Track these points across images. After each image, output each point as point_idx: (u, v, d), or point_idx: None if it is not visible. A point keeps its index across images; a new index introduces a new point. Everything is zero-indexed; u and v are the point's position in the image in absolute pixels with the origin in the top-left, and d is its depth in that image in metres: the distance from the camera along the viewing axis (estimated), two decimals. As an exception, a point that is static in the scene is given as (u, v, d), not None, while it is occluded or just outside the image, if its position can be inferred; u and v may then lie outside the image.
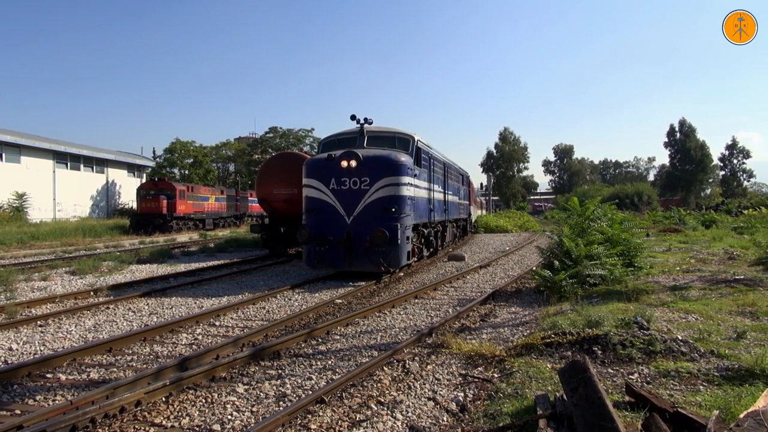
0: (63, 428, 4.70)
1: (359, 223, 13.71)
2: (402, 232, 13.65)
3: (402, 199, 13.87)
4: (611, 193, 76.44)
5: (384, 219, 13.55)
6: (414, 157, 15.03)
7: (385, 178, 13.81)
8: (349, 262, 13.78)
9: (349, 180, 13.85)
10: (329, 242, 13.84)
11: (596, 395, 4.06)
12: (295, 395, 5.77)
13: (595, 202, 14.44)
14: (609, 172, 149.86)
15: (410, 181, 14.31)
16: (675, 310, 9.03)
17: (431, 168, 17.65)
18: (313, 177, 14.40)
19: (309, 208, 14.32)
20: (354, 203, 13.85)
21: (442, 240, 20.95)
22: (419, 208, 15.48)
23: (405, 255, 14.00)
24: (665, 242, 23.36)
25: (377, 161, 13.96)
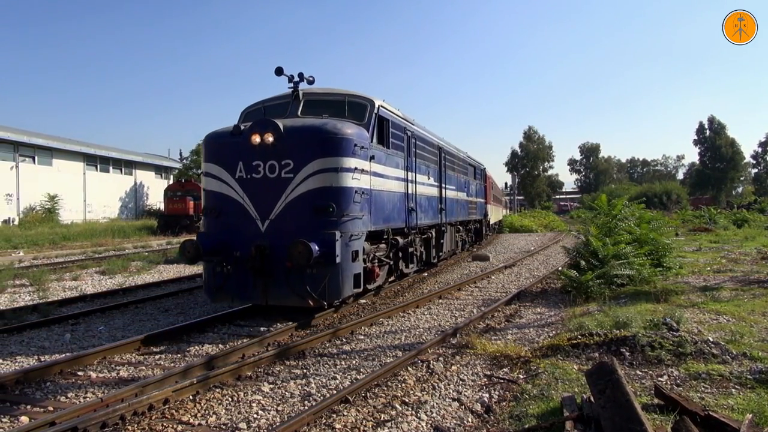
0: (94, 425, 4.80)
1: (278, 230, 8.60)
2: (344, 245, 8.55)
3: (345, 193, 8.79)
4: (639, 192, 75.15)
5: (315, 224, 8.54)
6: (373, 130, 9.95)
7: (318, 161, 8.64)
8: (262, 292, 8.65)
9: (264, 165, 8.76)
10: (235, 260, 8.78)
11: (624, 397, 4.00)
12: (320, 394, 5.80)
13: (622, 200, 14.22)
14: (636, 171, 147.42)
15: (363, 165, 9.25)
16: (706, 311, 8.85)
17: (410, 150, 12.45)
18: (212, 161, 9.26)
19: (207, 209, 9.33)
20: (271, 200, 8.75)
21: (437, 249, 15.55)
22: (383, 207, 10.36)
23: (350, 280, 8.80)
24: (695, 242, 22.89)
25: (305, 135, 8.82)
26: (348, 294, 8.92)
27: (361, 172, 9.15)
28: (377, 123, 10.24)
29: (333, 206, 8.56)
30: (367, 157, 9.48)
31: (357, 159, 9.08)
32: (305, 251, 7.91)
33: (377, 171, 10.02)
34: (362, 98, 10.44)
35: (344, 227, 8.69)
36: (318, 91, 10.57)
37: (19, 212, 38.63)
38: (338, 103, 10.34)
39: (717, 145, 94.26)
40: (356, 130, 9.24)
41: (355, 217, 8.93)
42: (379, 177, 10.09)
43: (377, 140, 10.23)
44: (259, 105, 10.87)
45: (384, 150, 10.57)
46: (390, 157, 10.91)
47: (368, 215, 9.45)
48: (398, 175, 11.47)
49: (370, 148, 9.66)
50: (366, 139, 9.50)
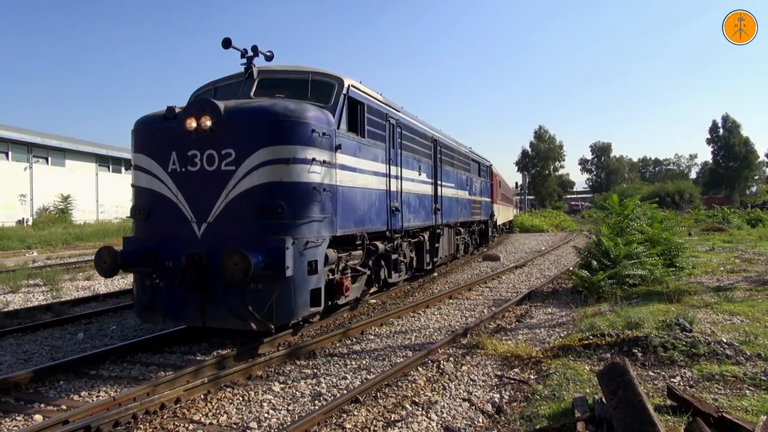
0: (106, 423, 4.84)
1: (217, 236, 7.12)
2: (297, 254, 6.97)
3: (299, 190, 7.21)
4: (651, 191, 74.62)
5: (261, 229, 7.02)
6: (341, 115, 8.35)
7: (265, 150, 7.07)
8: (198, 311, 7.06)
9: (202, 155, 7.26)
10: (166, 272, 7.24)
11: (637, 398, 3.97)
12: (331, 394, 5.81)
13: (634, 200, 14.12)
14: (648, 170, 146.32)
15: (325, 156, 7.64)
16: (719, 311, 8.77)
17: (394, 141, 10.77)
18: (142, 151, 7.71)
19: (135, 209, 7.79)
20: (209, 199, 7.23)
21: (432, 254, 13.75)
22: (355, 207, 8.77)
23: (305, 297, 7.21)
24: (708, 242, 22.67)
25: (249, 118, 7.25)
26: (303, 314, 7.28)
27: (322, 164, 7.49)
28: (347, 106, 8.59)
29: (283, 206, 6.96)
30: (331, 146, 7.78)
31: (317, 149, 7.42)
32: (241, 263, 6.23)
33: (346, 164, 8.32)
34: (328, 76, 8.70)
35: (298, 232, 7.08)
36: (277, 68, 8.86)
37: (33, 212, 39.10)
38: (300, 82, 8.57)
39: (731, 144, 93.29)
40: (316, 114, 7.57)
41: (312, 219, 7.30)
42: (349, 171, 8.42)
43: (348, 127, 8.59)
44: (209, 86, 9.20)
45: (357, 139, 8.87)
46: (366, 147, 9.19)
47: (333, 217, 7.80)
48: (377, 169, 9.73)
49: (336, 135, 7.95)
50: (330, 125, 7.80)
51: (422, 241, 12.91)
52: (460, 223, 17.30)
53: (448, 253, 15.92)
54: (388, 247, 10.55)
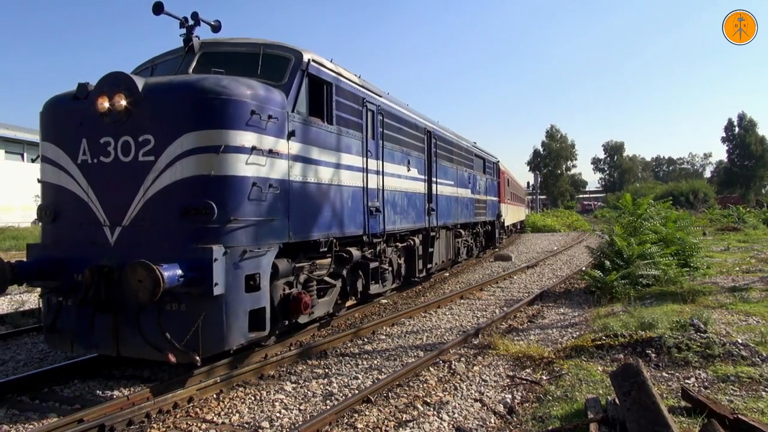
0: (120, 422, 4.89)
1: (133, 243, 5.87)
2: (230, 267, 5.75)
3: (234, 186, 5.94)
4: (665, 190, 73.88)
5: (184, 234, 5.79)
6: (297, 95, 6.98)
7: (189, 136, 5.81)
8: (111, 336, 5.81)
9: (116, 143, 5.96)
10: (74, 287, 5.95)
11: (650, 399, 3.94)
12: (342, 394, 5.82)
13: (648, 199, 14.01)
14: (662, 169, 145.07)
15: (272, 144, 6.36)
16: (734, 312, 8.68)
17: (375, 130, 9.42)
18: (49, 139, 6.51)
19: (42, 210, 6.50)
20: (125, 196, 5.94)
21: (425, 260, 12.34)
22: (318, 207, 7.47)
23: (242, 321, 5.92)
24: (723, 241, 22.44)
25: (171, 96, 5.99)
26: (239, 341, 5.92)
27: (267, 154, 6.21)
28: (308, 86, 7.25)
29: (211, 206, 5.65)
30: (280, 132, 6.48)
31: (259, 134, 6.12)
32: (148, 280, 5.02)
33: (305, 155, 7.03)
34: (283, 48, 7.32)
35: (232, 238, 5.79)
36: (223, 41, 7.58)
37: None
38: (249, 57, 7.22)
39: (746, 143, 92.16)
40: (258, 92, 6.23)
41: (252, 222, 6.00)
42: (309, 163, 7.13)
43: (308, 111, 7.23)
44: (147, 64, 7.87)
45: (321, 126, 7.51)
46: (333, 136, 7.84)
47: (285, 219, 6.53)
48: (351, 162, 8.37)
49: (290, 120, 6.64)
50: (280, 106, 6.49)
51: (413, 245, 11.39)
52: (460, 224, 15.76)
53: (446, 257, 14.43)
54: (368, 254, 9.17)
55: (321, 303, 7.89)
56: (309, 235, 7.18)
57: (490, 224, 20.90)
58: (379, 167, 9.52)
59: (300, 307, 6.79)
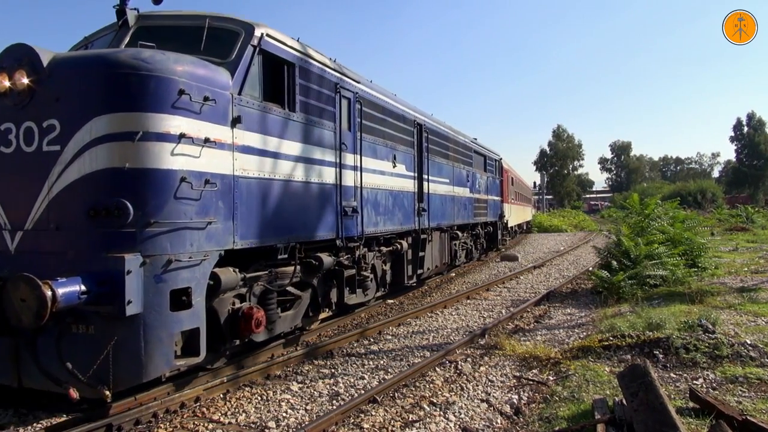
0: (127, 422, 4.91)
1: (37, 250, 4.95)
2: (149, 280, 4.76)
3: (158, 182, 4.94)
4: (672, 190, 73.54)
5: (93, 240, 4.81)
6: (246, 74, 5.95)
7: (101, 120, 4.82)
8: (12, 364, 4.82)
9: (18, 129, 5.03)
10: None
11: (658, 400, 3.92)
12: (348, 394, 5.82)
13: (655, 199, 13.94)
14: (669, 169, 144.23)
15: (209, 131, 5.36)
16: (743, 312, 8.62)
17: (351, 120, 8.45)
18: None
19: None
20: (27, 194, 5.01)
21: (414, 265, 11.37)
22: (277, 207, 6.48)
23: (166, 347, 4.90)
24: (732, 241, 22.29)
25: (81, 71, 5.01)
26: (162, 371, 4.94)
27: (202, 143, 5.19)
28: (263, 65, 6.25)
29: (125, 206, 4.68)
30: (223, 118, 5.50)
31: (192, 119, 5.11)
32: (33, 299, 4.15)
33: (258, 146, 6.05)
34: (232, 21, 6.28)
35: (153, 245, 4.79)
36: (164, 14, 6.48)
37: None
38: (193, 31, 6.15)
39: (755, 142, 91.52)
40: (190, 68, 5.20)
41: (181, 225, 4.97)
42: (263, 156, 6.13)
43: (263, 94, 6.22)
44: (82, 42, 6.93)
45: (280, 113, 6.48)
46: (297, 126, 6.83)
47: (228, 222, 5.52)
48: (320, 156, 7.38)
49: (235, 103, 5.64)
50: (221, 87, 5.49)
51: (400, 249, 10.44)
52: (457, 225, 14.77)
53: (441, 262, 13.31)
54: (345, 260, 8.18)
55: (285, 317, 6.93)
56: (263, 240, 6.11)
57: (491, 225, 19.74)
58: (357, 162, 8.47)
59: (250, 324, 5.77)
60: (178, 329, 4.95)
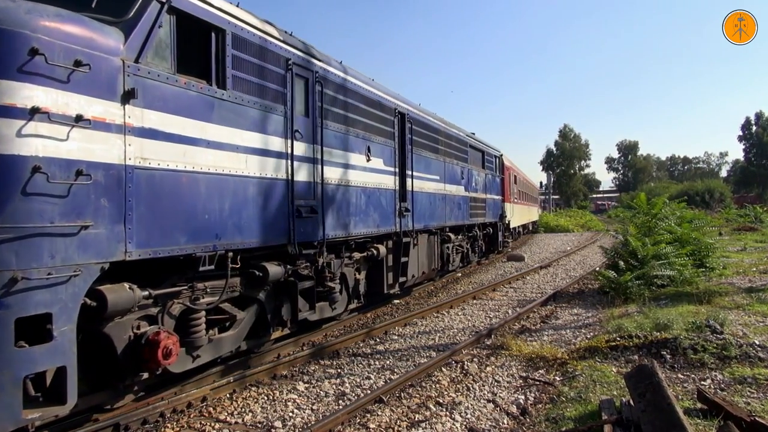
0: (135, 421, 4.93)
1: None
2: None
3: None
4: (680, 190, 73.13)
5: None
6: (150, 37, 4.79)
7: None
8: None
9: None
10: None
11: (665, 401, 3.91)
12: (354, 394, 5.83)
13: (662, 199, 13.87)
14: (677, 169, 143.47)
15: (82, 107, 4.15)
16: (751, 313, 8.57)
17: (309, 103, 7.27)
18: None
19: None
20: None
21: (396, 272, 10.10)
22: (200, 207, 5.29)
23: (11, 396, 3.66)
24: (740, 241, 22.16)
25: None
26: (5, 429, 3.76)
27: (74, 122, 4.09)
28: (175, 28, 5.12)
29: None
30: (108, 91, 4.39)
31: (55, 89, 4.01)
32: None
33: (165, 129, 4.88)
34: None
35: None
36: None
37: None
38: None
39: (764, 142, 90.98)
40: (53, 23, 4.07)
41: (34, 231, 3.86)
42: (173, 142, 4.97)
43: (176, 65, 5.08)
44: None
45: (201, 90, 5.30)
46: (227, 106, 5.64)
47: (118, 225, 4.43)
48: (263, 145, 6.17)
49: (128, 73, 4.50)
50: (105, 51, 4.37)
51: (377, 255, 9.20)
52: (450, 227, 13.49)
53: (429, 267, 12.00)
54: (303, 269, 6.99)
55: (220, 340, 5.88)
56: (175, 247, 4.93)
57: (491, 226, 18.44)
58: (317, 154, 7.27)
59: (157, 354, 4.75)
60: (28, 371, 3.77)
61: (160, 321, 5.11)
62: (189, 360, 5.47)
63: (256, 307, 6.46)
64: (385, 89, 9.91)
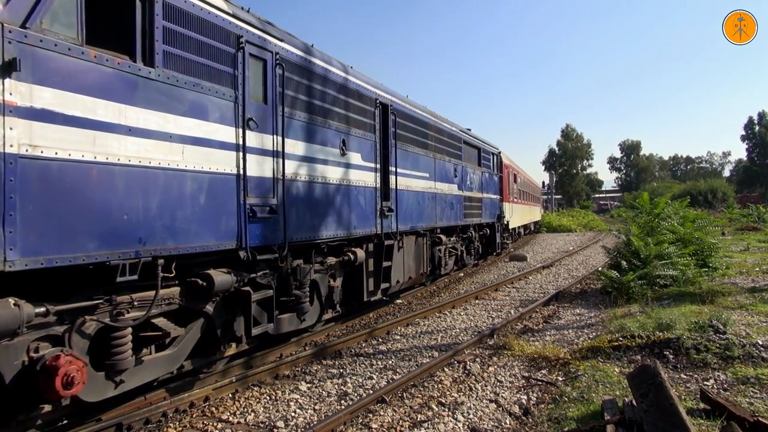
0: (137, 421, 4.94)
1: None
2: None
3: None
4: (682, 190, 72.96)
5: None
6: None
7: None
8: None
9: None
10: None
11: (668, 401, 3.90)
12: (357, 394, 5.82)
13: (665, 199, 13.85)
14: (680, 168, 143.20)
15: None
16: (754, 313, 8.55)
17: (269, 88, 6.35)
18: None
19: None
20: None
21: (377, 278, 9.29)
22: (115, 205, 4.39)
23: None
24: (743, 241, 22.11)
25: None
26: None
27: None
28: None
29: None
30: None
31: None
32: None
33: (67, 110, 4.05)
34: None
35: None
36: None
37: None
38: None
39: (766, 141, 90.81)
40: None
41: None
42: (79, 127, 4.13)
43: (83, 34, 4.27)
44: None
45: (122, 65, 4.48)
46: (156, 87, 4.80)
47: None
48: (205, 134, 5.31)
49: (11, 40, 3.70)
50: None
51: (354, 260, 8.31)
52: (441, 228, 12.68)
53: (417, 272, 11.09)
54: (261, 277, 6.23)
55: (151, 362, 5.05)
56: (78, 254, 4.11)
57: (488, 227, 17.52)
58: (277, 146, 6.40)
59: (55, 383, 3.94)
60: None
61: (67, 342, 4.25)
62: (110, 386, 4.63)
63: (203, 321, 5.61)
64: (364, 77, 8.96)
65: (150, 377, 5.08)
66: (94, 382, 4.45)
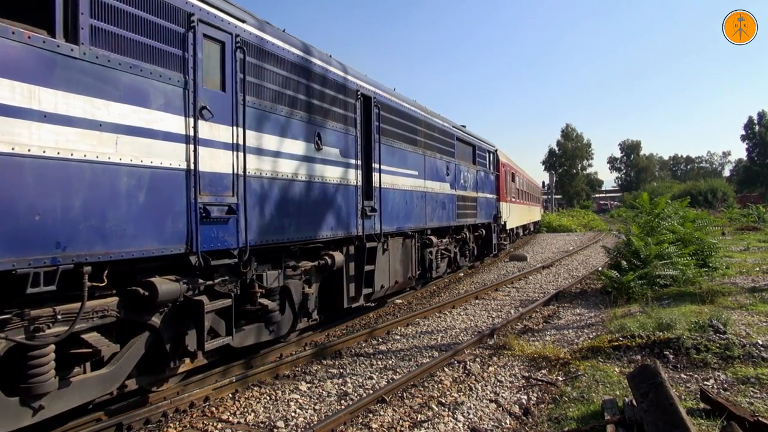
0: (137, 421, 4.94)
1: None
2: None
3: None
4: (682, 189, 72.99)
5: None
6: None
7: None
8: None
9: None
10: None
11: (668, 401, 3.90)
12: (357, 394, 5.83)
13: (665, 199, 13.84)
14: (680, 168, 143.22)
15: None
16: (754, 312, 8.54)
17: (228, 74, 5.61)
18: None
19: None
20: None
21: (359, 283, 8.64)
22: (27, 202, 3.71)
23: None
24: (743, 241, 22.11)
25: None
26: None
27: None
28: None
29: None
30: None
31: None
32: None
33: None
34: None
35: None
36: None
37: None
38: None
39: (766, 141, 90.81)
40: None
41: None
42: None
43: None
44: None
45: (35, 41, 3.83)
46: (85, 68, 4.16)
47: None
48: (142, 123, 4.66)
49: None
50: None
51: (331, 264, 7.72)
52: (432, 229, 12.05)
53: (404, 276, 10.37)
54: (218, 285, 5.64)
55: (82, 382, 4.46)
56: None
57: (484, 227, 16.84)
58: (237, 138, 5.73)
59: None
60: None
61: None
62: (26, 413, 3.99)
63: (149, 335, 5.03)
64: (344, 67, 8.25)
65: (80, 400, 4.44)
66: (4, 410, 3.84)
